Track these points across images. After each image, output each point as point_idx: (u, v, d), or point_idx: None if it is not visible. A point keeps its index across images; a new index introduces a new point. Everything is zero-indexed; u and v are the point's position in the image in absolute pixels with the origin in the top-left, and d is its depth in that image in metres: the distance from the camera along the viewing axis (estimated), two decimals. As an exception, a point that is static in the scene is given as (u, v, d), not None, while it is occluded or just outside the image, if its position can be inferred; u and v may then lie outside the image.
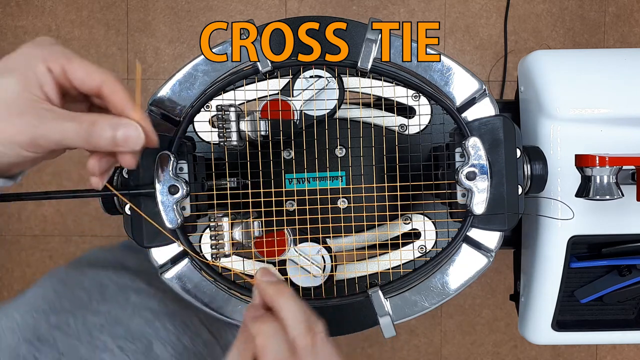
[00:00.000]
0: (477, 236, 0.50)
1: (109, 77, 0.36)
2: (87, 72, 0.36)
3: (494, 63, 1.47)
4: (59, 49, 0.36)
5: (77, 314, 0.49)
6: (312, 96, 0.49)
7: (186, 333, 0.52)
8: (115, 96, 0.36)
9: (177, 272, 0.50)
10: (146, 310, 0.52)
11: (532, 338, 0.64)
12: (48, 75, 0.35)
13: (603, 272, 0.64)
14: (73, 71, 0.35)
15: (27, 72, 0.34)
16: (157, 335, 0.50)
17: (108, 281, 0.55)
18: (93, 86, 0.36)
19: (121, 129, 0.36)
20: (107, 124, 0.36)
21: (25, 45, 0.36)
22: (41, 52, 0.35)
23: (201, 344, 0.52)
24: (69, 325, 0.47)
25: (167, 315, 0.52)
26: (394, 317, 0.49)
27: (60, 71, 0.35)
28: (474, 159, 0.47)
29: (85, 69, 0.36)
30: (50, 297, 0.50)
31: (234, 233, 0.48)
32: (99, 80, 0.36)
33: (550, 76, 0.59)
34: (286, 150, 0.55)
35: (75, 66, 0.35)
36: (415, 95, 0.52)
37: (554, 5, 1.47)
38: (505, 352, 1.48)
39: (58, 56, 0.35)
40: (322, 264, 0.50)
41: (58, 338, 0.45)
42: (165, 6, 1.47)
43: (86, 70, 0.36)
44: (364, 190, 0.53)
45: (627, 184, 0.56)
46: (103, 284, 0.55)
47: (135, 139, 0.36)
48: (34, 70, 0.35)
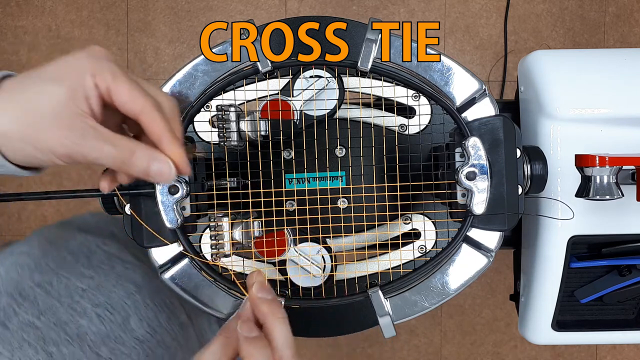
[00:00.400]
0: (477, 236, 0.50)
1: (149, 106, 0.36)
2: (130, 97, 0.36)
3: (494, 63, 1.47)
4: (108, 66, 0.35)
5: (61, 275, 0.49)
6: (312, 96, 0.49)
7: (164, 312, 0.52)
8: (153, 126, 0.37)
9: (177, 272, 0.50)
10: (129, 282, 0.52)
11: (532, 338, 0.64)
12: (94, 90, 0.35)
13: (603, 272, 0.64)
14: (117, 92, 0.35)
15: (75, 84, 0.35)
16: (135, 309, 0.50)
17: (96, 247, 0.56)
18: (133, 111, 0.36)
19: (156, 164, 0.37)
20: (144, 155, 0.36)
21: (77, 53, 0.36)
22: (91, 65, 0.35)
23: (177, 325, 0.53)
24: (51, 285, 0.48)
25: (149, 291, 0.53)
26: (394, 317, 0.49)
27: (105, 89, 0.35)
28: (474, 159, 0.47)
29: (129, 92, 0.36)
30: (36, 254, 0.51)
31: (234, 233, 0.48)
32: (140, 107, 0.36)
33: (550, 76, 0.59)
34: (286, 150, 0.55)
35: (120, 88, 0.35)
36: (415, 95, 0.52)
37: (554, 5, 1.47)
38: (505, 352, 1.48)
39: (106, 73, 0.35)
40: (322, 264, 0.50)
41: (39, 296, 0.46)
42: (165, 6, 1.47)
43: (130, 94, 0.36)
44: (364, 190, 0.53)
45: (627, 184, 0.56)
46: (91, 249, 0.55)
47: (167, 175, 0.37)
48: (82, 83, 0.35)
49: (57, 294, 0.47)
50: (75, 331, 0.45)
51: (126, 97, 0.36)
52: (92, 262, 0.53)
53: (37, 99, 0.34)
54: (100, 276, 0.51)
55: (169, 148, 0.37)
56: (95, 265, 0.53)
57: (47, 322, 0.44)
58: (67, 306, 0.46)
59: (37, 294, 0.46)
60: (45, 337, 0.43)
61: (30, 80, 0.35)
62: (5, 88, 0.35)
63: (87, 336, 0.45)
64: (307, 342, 1.45)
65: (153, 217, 0.47)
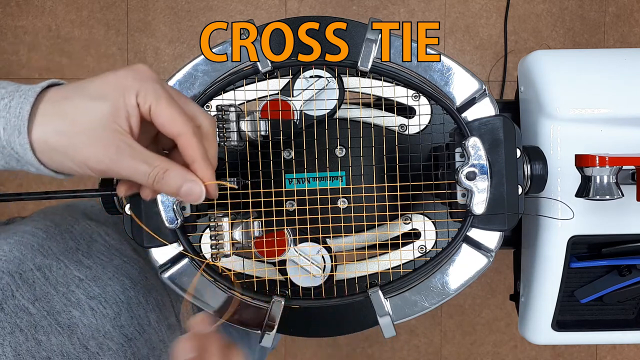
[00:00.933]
0: (477, 236, 0.50)
1: (187, 130, 0.37)
2: (170, 120, 0.36)
3: (494, 63, 1.47)
4: (152, 88, 0.36)
5: (61, 260, 0.50)
6: (312, 96, 0.49)
7: (154, 311, 0.52)
8: (189, 149, 0.37)
9: (177, 272, 0.50)
10: (125, 277, 0.53)
11: (532, 338, 0.64)
12: (136, 110, 0.36)
13: (603, 272, 0.64)
14: (158, 114, 0.36)
15: (118, 102, 0.35)
16: (128, 305, 0.50)
17: (98, 237, 0.56)
18: (171, 134, 0.37)
19: (188, 184, 0.37)
20: (177, 175, 0.37)
21: (124, 71, 0.37)
22: (136, 86, 0.36)
23: (165, 327, 0.53)
24: (51, 270, 0.48)
25: (144, 288, 0.53)
26: (394, 317, 0.49)
27: (146, 109, 0.36)
28: (474, 159, 0.47)
29: (170, 116, 0.36)
30: (41, 236, 0.51)
31: (234, 233, 0.48)
32: (178, 131, 0.37)
33: (550, 76, 0.59)
34: (286, 150, 0.55)
35: (161, 110, 0.36)
36: (415, 95, 0.52)
37: (554, 5, 1.47)
38: (505, 352, 1.48)
39: (150, 95, 0.36)
40: (322, 264, 0.50)
41: (37, 281, 0.46)
42: (165, 6, 1.47)
43: (170, 117, 0.36)
44: (364, 190, 0.53)
45: (627, 184, 0.56)
46: (93, 238, 0.55)
47: (197, 196, 0.38)
48: (126, 102, 0.35)
49: (55, 281, 0.47)
50: (67, 322, 0.45)
51: (166, 120, 0.36)
52: (92, 252, 0.53)
53: (79, 113, 0.35)
54: (98, 267, 0.52)
55: (202, 172, 0.38)
56: (94, 255, 0.53)
57: (41, 309, 0.44)
58: (62, 295, 0.47)
59: (35, 277, 0.46)
60: (37, 324, 0.43)
61: (76, 94, 0.36)
62: (51, 97, 0.36)
63: (77, 328, 0.45)
64: (307, 342, 1.46)
65: (153, 217, 0.47)
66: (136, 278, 0.53)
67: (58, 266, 0.49)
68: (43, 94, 0.36)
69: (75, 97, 0.36)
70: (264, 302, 0.48)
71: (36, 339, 0.42)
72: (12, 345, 0.40)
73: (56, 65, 1.46)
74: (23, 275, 0.46)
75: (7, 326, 0.41)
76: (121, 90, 0.35)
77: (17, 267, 0.46)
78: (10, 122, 0.35)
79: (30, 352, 0.41)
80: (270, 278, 0.51)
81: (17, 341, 0.41)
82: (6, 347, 0.40)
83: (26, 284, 0.45)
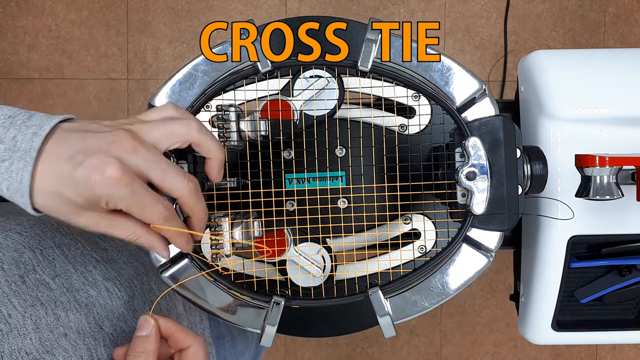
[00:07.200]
0: (477, 236, 0.50)
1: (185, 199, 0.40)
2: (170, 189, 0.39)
3: (494, 63, 1.47)
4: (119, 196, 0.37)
5: (79, 241, 0.50)
6: (312, 96, 0.49)
7: (164, 299, 0.53)
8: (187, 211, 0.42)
9: (177, 272, 0.50)
10: (139, 263, 0.54)
11: (532, 338, 0.64)
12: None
13: (603, 272, 0.64)
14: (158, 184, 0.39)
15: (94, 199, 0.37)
16: (141, 290, 0.51)
17: None
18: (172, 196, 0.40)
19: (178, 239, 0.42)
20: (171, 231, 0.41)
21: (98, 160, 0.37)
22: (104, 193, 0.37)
23: (174, 315, 0.54)
24: (69, 248, 0.49)
25: (155, 275, 0.54)
26: (394, 317, 0.49)
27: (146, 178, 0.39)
28: (474, 159, 0.47)
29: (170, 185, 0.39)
30: None
31: (234, 233, 0.48)
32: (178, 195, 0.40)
33: (550, 76, 0.59)
34: (286, 150, 0.55)
35: (132, 213, 0.39)
36: (415, 95, 0.52)
37: (554, 5, 1.47)
38: (505, 352, 1.48)
39: (119, 203, 0.37)
40: (322, 264, 0.50)
41: (57, 258, 0.47)
42: (165, 6, 1.47)
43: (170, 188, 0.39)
44: (364, 190, 0.53)
45: (627, 184, 0.56)
46: None
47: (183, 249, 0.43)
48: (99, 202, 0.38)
49: (74, 260, 0.48)
50: (85, 300, 0.46)
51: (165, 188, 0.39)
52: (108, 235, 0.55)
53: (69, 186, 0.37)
54: (114, 250, 0.53)
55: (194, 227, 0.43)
56: (110, 239, 0.54)
57: (60, 286, 0.45)
58: (80, 274, 0.47)
59: (55, 255, 0.47)
60: (57, 299, 0.44)
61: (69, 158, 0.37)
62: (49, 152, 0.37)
63: (94, 307, 0.46)
64: (307, 342, 1.46)
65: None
66: (148, 266, 0.54)
67: (76, 246, 0.49)
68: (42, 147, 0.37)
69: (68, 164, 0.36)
70: (264, 302, 0.48)
71: (55, 314, 0.43)
72: (32, 318, 0.41)
73: (56, 65, 1.46)
74: (44, 252, 0.46)
75: (28, 299, 0.42)
76: (93, 194, 0.36)
77: (37, 244, 0.46)
78: (13, 186, 0.36)
79: (49, 327, 0.41)
80: (270, 278, 0.51)
81: (37, 314, 0.41)
82: (27, 320, 0.40)
83: (46, 259, 0.46)
